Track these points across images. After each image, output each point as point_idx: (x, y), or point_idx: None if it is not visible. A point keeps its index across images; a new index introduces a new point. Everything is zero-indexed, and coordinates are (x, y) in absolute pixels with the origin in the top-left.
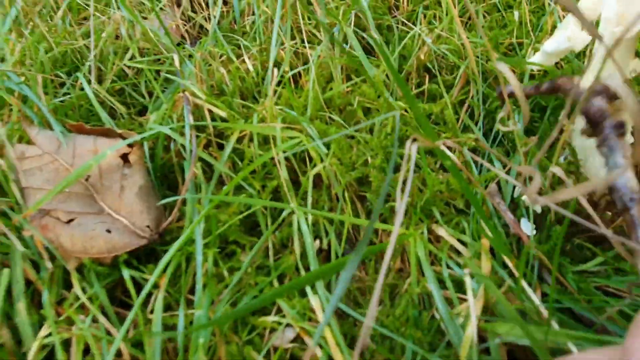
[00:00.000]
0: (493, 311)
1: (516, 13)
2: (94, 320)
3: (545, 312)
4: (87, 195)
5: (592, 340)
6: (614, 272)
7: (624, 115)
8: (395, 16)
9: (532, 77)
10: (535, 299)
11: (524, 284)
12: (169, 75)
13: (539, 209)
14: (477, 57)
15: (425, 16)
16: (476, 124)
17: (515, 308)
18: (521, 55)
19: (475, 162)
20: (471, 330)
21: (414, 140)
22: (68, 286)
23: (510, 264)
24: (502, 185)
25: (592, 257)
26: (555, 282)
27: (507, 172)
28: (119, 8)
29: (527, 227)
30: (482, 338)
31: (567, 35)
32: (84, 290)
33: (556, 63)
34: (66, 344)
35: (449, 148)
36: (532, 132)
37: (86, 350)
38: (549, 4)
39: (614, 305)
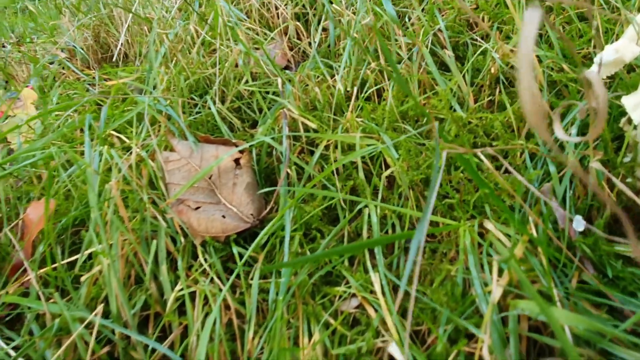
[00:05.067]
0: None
1: (594, 23)
2: (212, 281)
3: (557, 295)
4: (209, 189)
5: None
6: None
7: None
8: (475, 32)
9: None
10: (545, 282)
11: (552, 271)
12: (273, 97)
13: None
14: (546, 68)
15: (501, 31)
16: None
17: (538, 290)
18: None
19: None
20: (493, 298)
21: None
22: (195, 256)
23: (540, 251)
24: (555, 185)
25: None
26: (597, 272)
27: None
28: (236, 42)
29: (579, 223)
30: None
31: (615, 47)
32: (205, 260)
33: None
34: (192, 297)
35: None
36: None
37: (205, 302)
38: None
39: None
